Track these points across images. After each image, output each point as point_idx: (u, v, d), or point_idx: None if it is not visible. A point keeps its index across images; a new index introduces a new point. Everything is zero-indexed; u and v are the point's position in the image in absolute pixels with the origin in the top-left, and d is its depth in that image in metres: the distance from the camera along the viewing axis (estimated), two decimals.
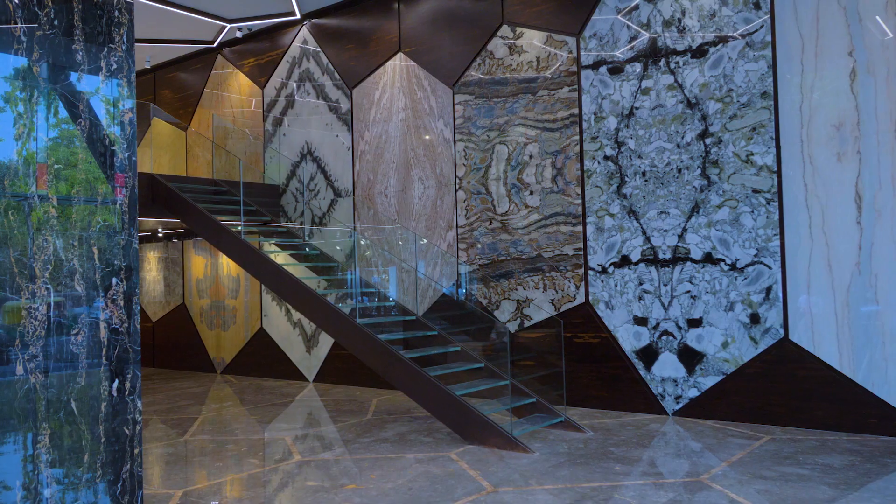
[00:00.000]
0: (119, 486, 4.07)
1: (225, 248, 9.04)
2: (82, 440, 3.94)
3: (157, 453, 6.77)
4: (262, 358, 11.60)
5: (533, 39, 8.65)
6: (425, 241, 9.54)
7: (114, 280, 4.09)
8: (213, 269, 12.40)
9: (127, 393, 4.13)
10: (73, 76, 3.97)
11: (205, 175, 12.00)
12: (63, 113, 3.96)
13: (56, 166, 3.89)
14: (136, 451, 4.16)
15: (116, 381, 4.08)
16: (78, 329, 3.93)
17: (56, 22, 3.89)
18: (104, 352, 4.03)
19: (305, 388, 10.42)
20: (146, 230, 12.73)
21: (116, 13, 4.16)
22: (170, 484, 5.68)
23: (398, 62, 9.95)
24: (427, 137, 9.52)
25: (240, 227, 9.23)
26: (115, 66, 4.14)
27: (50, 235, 3.83)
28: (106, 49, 4.10)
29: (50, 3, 3.86)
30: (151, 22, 10.86)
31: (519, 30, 8.76)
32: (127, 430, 4.13)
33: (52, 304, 3.81)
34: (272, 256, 9.62)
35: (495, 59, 8.97)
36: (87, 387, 3.96)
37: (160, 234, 12.92)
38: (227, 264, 12.07)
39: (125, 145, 4.19)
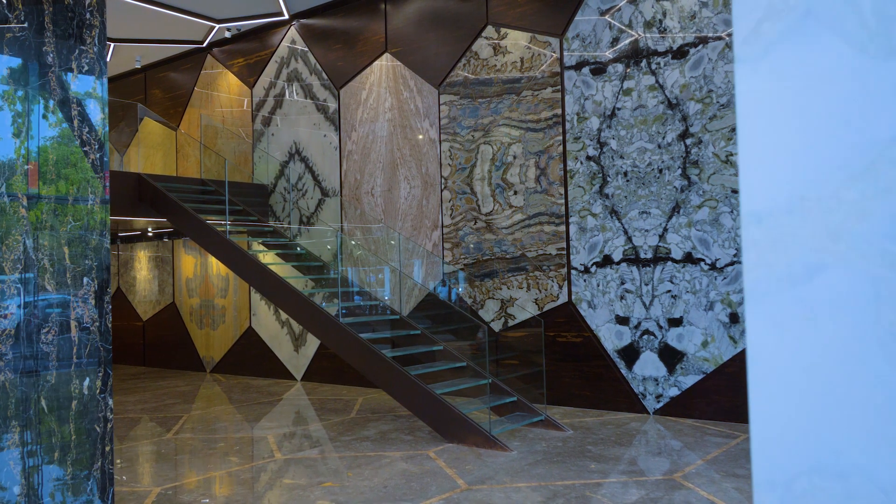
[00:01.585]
0: (90, 483, 4.11)
1: (210, 247, 9.08)
2: (52, 438, 3.98)
3: (139, 451, 6.82)
4: (250, 357, 11.64)
5: (517, 40, 8.69)
6: (411, 243, 9.58)
7: (85, 279, 4.13)
8: (202, 268, 12.44)
9: (98, 391, 4.17)
10: (45, 78, 4.01)
11: (195, 175, 12.04)
12: (35, 113, 4.00)
13: (26, 167, 3.93)
14: (107, 448, 4.20)
15: (87, 379, 4.12)
16: (48, 328, 3.97)
17: (27, 24, 3.92)
18: (75, 350, 4.07)
19: (293, 386, 10.46)
20: (136, 229, 12.78)
21: (88, 15, 4.20)
22: (148, 481, 5.72)
23: (385, 62, 9.99)
24: (420, 137, 9.55)
25: (225, 227, 9.27)
26: (86, 67, 4.18)
27: (20, 235, 3.87)
28: (77, 51, 4.14)
29: (20, 6, 3.90)
30: (141, 22, 10.90)
31: (503, 30, 8.81)
32: (98, 428, 4.17)
33: (23, 303, 3.84)
34: (259, 256, 9.67)
35: (480, 59, 9.01)
36: (57, 385, 4.00)
37: (150, 234, 12.96)
38: (216, 263, 12.11)
39: (97, 146, 4.23)
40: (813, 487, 0.77)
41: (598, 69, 8.03)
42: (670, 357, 7.52)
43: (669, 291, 7.52)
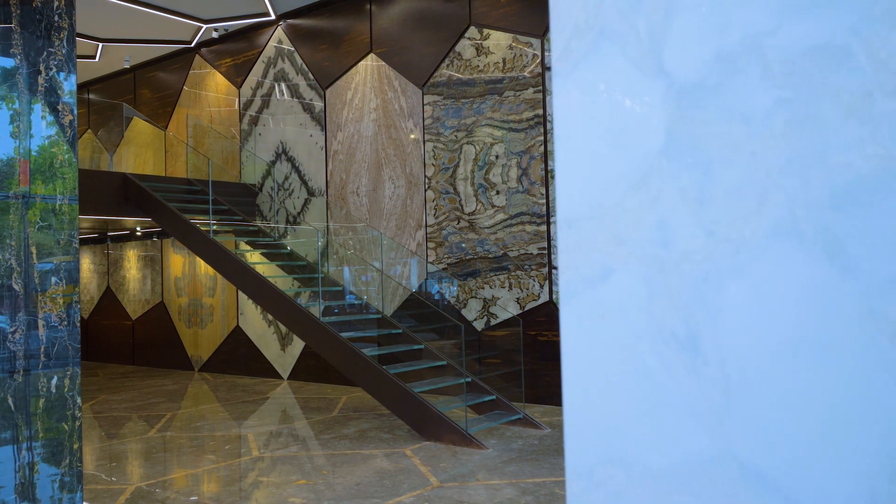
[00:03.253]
0: (58, 481, 4.16)
1: (194, 246, 9.13)
2: (20, 436, 4.03)
3: (119, 449, 6.87)
4: (238, 356, 11.70)
5: (499, 41, 8.74)
6: (395, 242, 9.64)
7: (53, 279, 4.18)
8: (191, 267, 12.49)
9: (66, 389, 4.22)
10: (13, 79, 4.06)
11: (184, 175, 12.09)
12: (4, 114, 4.05)
13: None
14: (75, 446, 4.25)
15: (55, 377, 4.17)
16: (16, 327, 4.02)
17: None
18: (42, 349, 4.12)
19: (279, 385, 10.52)
20: (125, 229, 12.83)
21: (56, 17, 4.24)
22: (124, 479, 5.78)
23: (370, 63, 10.04)
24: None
25: (209, 227, 9.31)
26: (54, 69, 4.22)
27: None
28: (45, 53, 4.19)
29: None
30: (130, 22, 10.94)
31: (486, 31, 8.86)
32: (66, 426, 4.22)
33: None
34: (244, 256, 9.72)
35: (463, 60, 9.06)
36: (24, 384, 4.05)
37: (139, 233, 13.01)
38: (204, 263, 12.16)
39: (66, 147, 4.28)
40: (606, 476, 0.82)
41: None
42: None
43: None
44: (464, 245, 9.01)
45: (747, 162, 0.67)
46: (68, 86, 4.28)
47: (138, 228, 12.53)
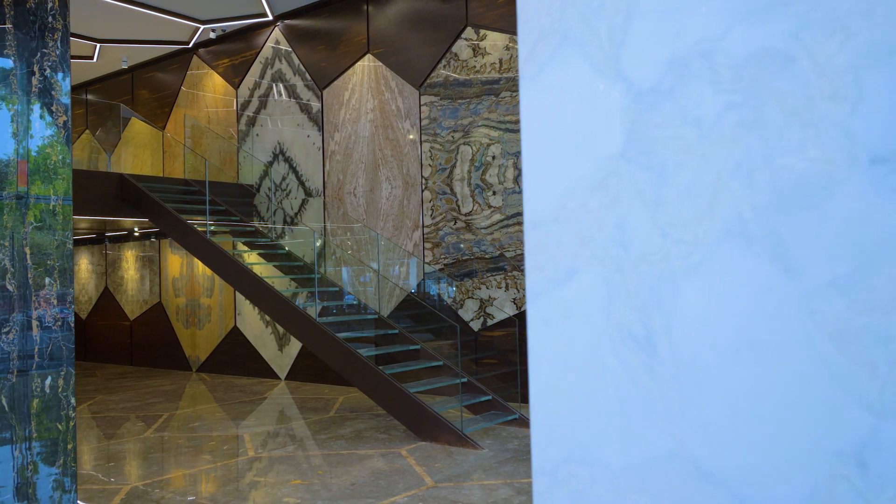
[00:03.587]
0: (53, 481, 4.17)
1: (190, 247, 9.14)
2: (14, 437, 4.04)
3: (115, 449, 6.88)
4: (235, 356, 11.70)
5: (496, 41, 8.75)
6: (392, 243, 9.65)
7: (47, 280, 4.19)
8: (188, 267, 12.50)
9: (60, 390, 4.23)
10: (8, 79, 4.07)
11: (181, 175, 12.10)
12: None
13: None
14: (69, 446, 4.26)
15: (49, 378, 4.18)
16: (10, 328, 4.03)
17: None
18: (37, 350, 4.13)
19: (276, 385, 10.52)
20: (123, 229, 12.84)
21: (50, 18, 4.25)
22: (120, 479, 5.78)
23: (367, 63, 10.05)
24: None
25: (205, 227, 9.32)
26: (48, 70, 4.23)
27: None
28: (39, 54, 4.20)
29: None
30: (128, 23, 10.95)
31: (482, 32, 8.87)
32: (61, 427, 4.23)
33: None
34: (241, 256, 9.73)
35: (460, 60, 9.07)
36: (18, 384, 4.06)
37: (137, 234, 13.02)
38: (202, 263, 12.17)
39: (60, 147, 4.29)
40: (569, 474, 0.83)
41: None
42: None
43: None
44: (461, 245, 9.02)
45: (699, 164, 0.68)
46: (63, 87, 4.29)
47: (136, 229, 12.54)
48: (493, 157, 8.75)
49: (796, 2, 0.61)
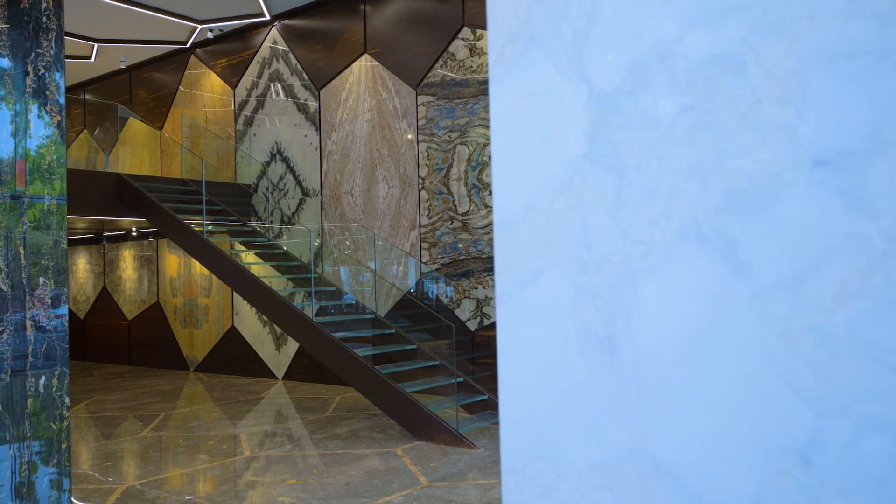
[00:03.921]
0: (47, 480, 4.18)
1: (187, 247, 9.15)
2: (8, 436, 4.04)
3: (111, 449, 6.88)
4: (233, 356, 11.71)
5: None
6: (388, 242, 9.66)
7: (41, 279, 4.20)
8: (186, 267, 12.51)
9: (54, 389, 4.24)
10: (2, 80, 4.07)
11: (179, 175, 12.10)
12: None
13: None
14: (63, 446, 4.27)
15: (44, 377, 4.19)
16: (4, 328, 4.04)
17: None
18: (31, 349, 4.14)
19: (274, 385, 10.53)
20: (121, 229, 12.84)
21: (44, 19, 4.26)
22: (116, 478, 5.79)
23: (364, 63, 10.06)
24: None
25: (203, 227, 9.33)
26: (42, 70, 4.24)
27: None
28: (34, 54, 4.20)
29: None
30: (125, 23, 10.95)
31: (479, 32, 8.88)
32: (55, 426, 4.24)
33: None
34: (238, 256, 9.74)
35: (456, 60, 9.08)
36: (12, 384, 4.06)
37: (135, 234, 13.02)
38: (199, 263, 12.17)
39: (53, 147, 4.29)
40: (537, 472, 0.84)
41: None
42: None
43: None
44: (458, 245, 9.03)
45: (657, 166, 0.69)
46: (57, 86, 4.29)
47: (134, 229, 12.55)
48: (490, 157, 8.75)
49: (748, 6, 0.62)
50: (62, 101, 4.32)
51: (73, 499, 5.03)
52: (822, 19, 0.57)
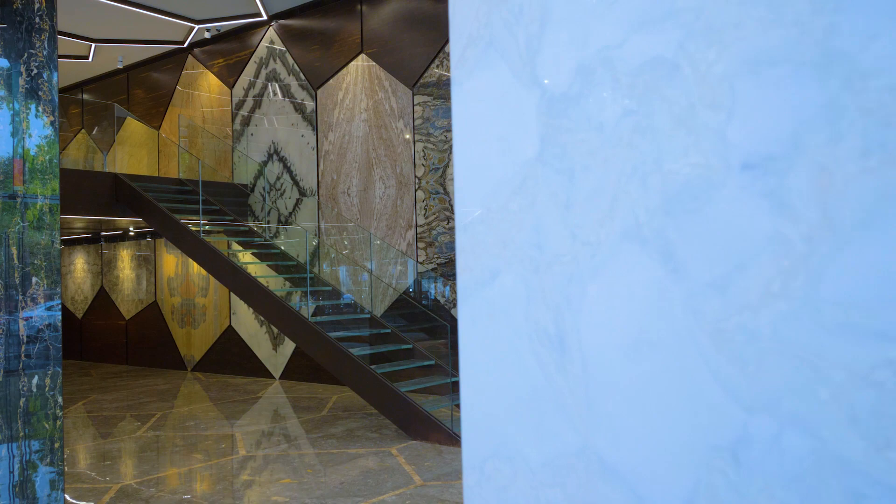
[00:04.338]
0: (41, 479, 4.19)
1: (184, 246, 9.16)
2: (3, 436, 4.06)
3: (106, 448, 6.90)
4: (230, 355, 11.72)
5: None
6: (381, 241, 9.67)
7: (34, 279, 4.21)
8: (183, 267, 12.52)
9: (47, 389, 4.25)
10: None
11: (176, 175, 12.12)
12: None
13: None
14: (56, 445, 4.28)
15: (37, 377, 4.20)
16: None
17: None
18: (23, 349, 4.15)
19: (270, 385, 10.55)
20: (119, 229, 12.86)
21: (37, 19, 4.27)
22: (111, 478, 5.81)
23: (361, 63, 10.07)
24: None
25: (199, 227, 9.34)
26: (35, 70, 4.25)
27: None
28: (26, 55, 4.22)
29: None
30: (123, 22, 10.97)
31: None
32: (48, 426, 4.25)
33: None
34: (235, 256, 9.75)
35: None
36: (6, 383, 4.08)
37: (132, 233, 13.04)
38: (196, 263, 12.19)
39: (47, 147, 4.31)
40: (494, 470, 0.85)
41: None
42: None
43: None
44: (454, 245, 9.03)
45: (602, 169, 0.70)
46: (50, 86, 4.30)
47: (131, 228, 12.56)
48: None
49: (684, 12, 0.63)
50: (56, 100, 4.34)
51: (67, 497, 5.04)
52: (747, 26, 0.58)
